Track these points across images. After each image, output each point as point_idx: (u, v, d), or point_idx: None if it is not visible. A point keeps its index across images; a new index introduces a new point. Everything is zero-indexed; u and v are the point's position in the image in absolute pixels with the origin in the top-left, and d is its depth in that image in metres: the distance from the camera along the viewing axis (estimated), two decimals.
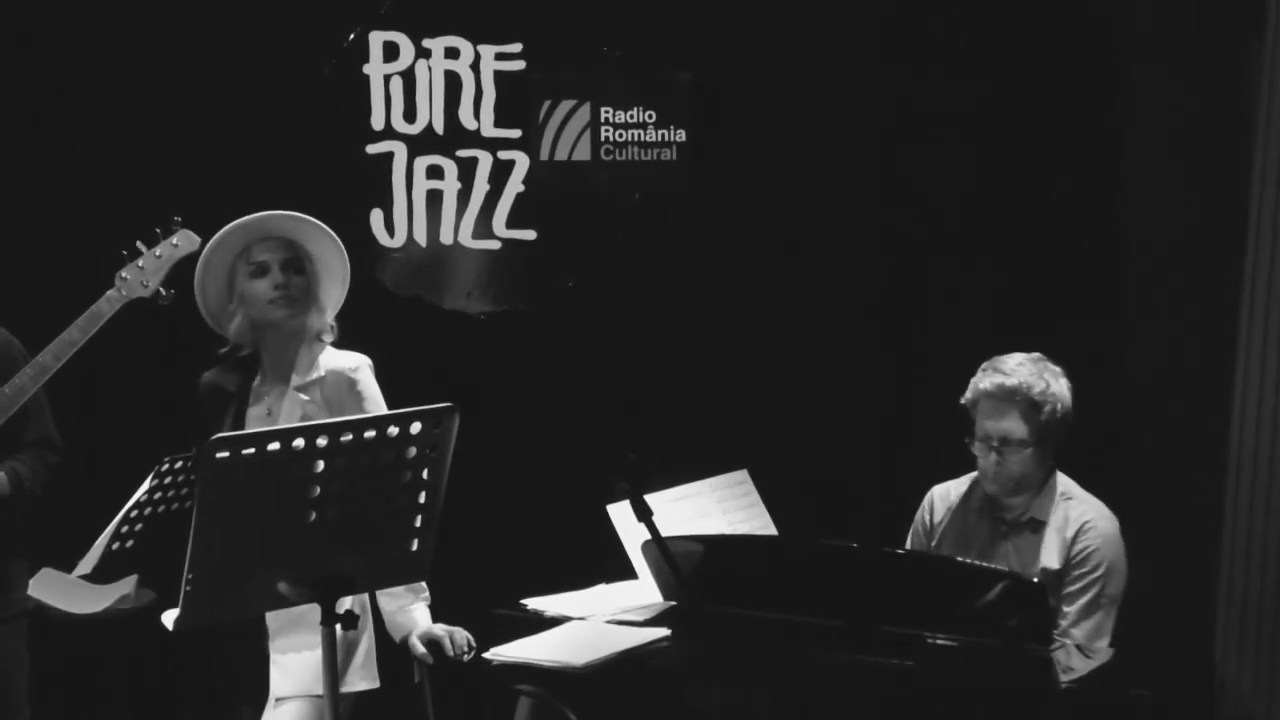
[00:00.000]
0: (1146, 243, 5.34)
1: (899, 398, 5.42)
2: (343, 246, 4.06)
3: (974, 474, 4.36)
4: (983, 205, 5.41)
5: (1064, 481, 4.30)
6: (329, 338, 4.06)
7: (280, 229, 4.00)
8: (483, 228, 5.58)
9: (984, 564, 4.16)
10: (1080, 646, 3.94)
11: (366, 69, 5.53)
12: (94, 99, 5.58)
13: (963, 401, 4.29)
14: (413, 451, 3.21)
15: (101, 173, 5.57)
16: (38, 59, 5.55)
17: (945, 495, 4.44)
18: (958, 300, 5.41)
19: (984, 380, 4.23)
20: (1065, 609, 4.13)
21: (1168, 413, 5.26)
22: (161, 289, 4.40)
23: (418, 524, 3.29)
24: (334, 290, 4.07)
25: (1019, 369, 4.21)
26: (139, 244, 4.41)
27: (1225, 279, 5.05)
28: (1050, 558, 4.19)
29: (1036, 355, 4.27)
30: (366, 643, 3.96)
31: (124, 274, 4.39)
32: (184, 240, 4.40)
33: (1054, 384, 4.21)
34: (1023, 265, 5.40)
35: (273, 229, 4.00)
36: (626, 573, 4.17)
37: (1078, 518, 4.22)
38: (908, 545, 4.45)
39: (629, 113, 5.52)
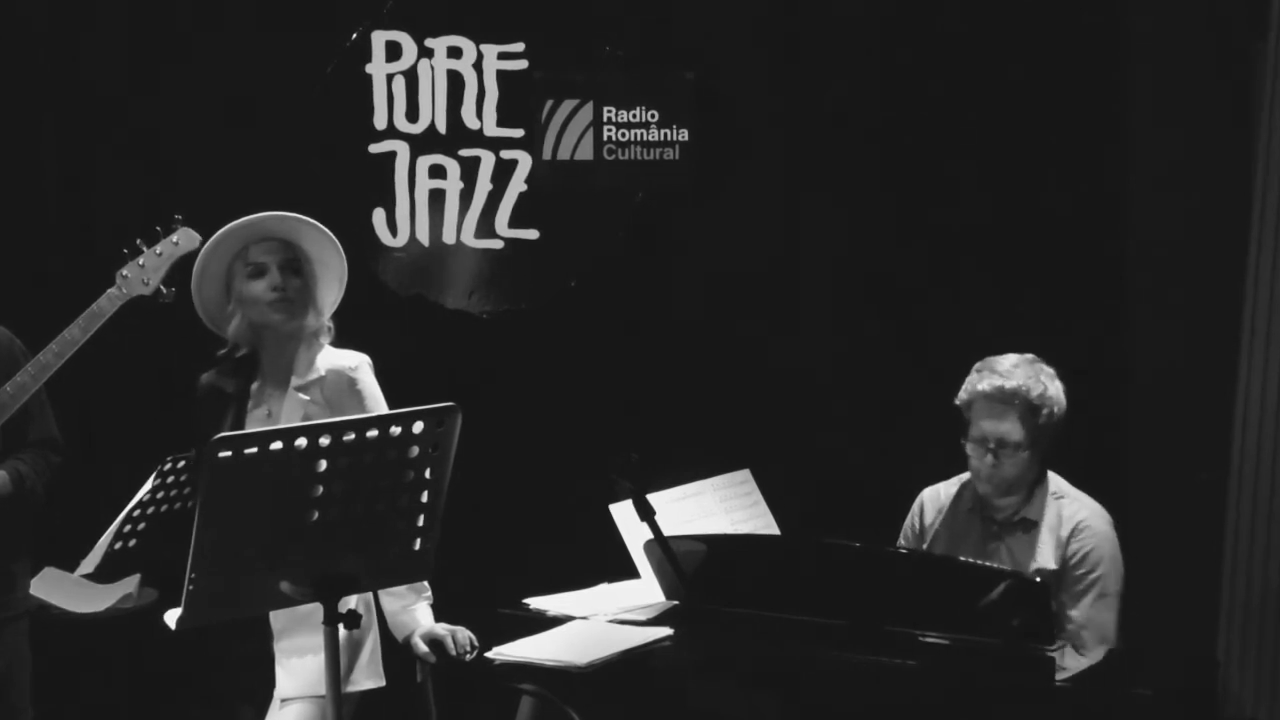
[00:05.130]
0: (1150, 243, 5.34)
1: (901, 397, 5.42)
2: (340, 247, 4.05)
3: (963, 476, 4.35)
4: (986, 206, 5.41)
5: (1055, 481, 4.29)
6: (326, 338, 4.05)
7: (277, 230, 3.99)
8: (485, 227, 5.58)
9: (987, 563, 4.15)
10: (1074, 646, 3.93)
11: (369, 68, 5.54)
12: (96, 97, 5.58)
13: (957, 402, 4.27)
14: (415, 451, 3.21)
15: (103, 171, 5.57)
16: (41, 57, 5.55)
17: (935, 497, 4.43)
18: (960, 301, 5.41)
19: (981, 382, 4.20)
20: (1071, 612, 4.12)
21: (1170, 413, 5.26)
22: (162, 287, 4.40)
23: (420, 523, 3.29)
24: (331, 290, 4.06)
25: (1016, 371, 4.18)
26: (139, 242, 4.40)
27: (1228, 278, 5.06)
28: (1046, 558, 4.18)
29: (1030, 356, 4.25)
30: (372, 642, 3.96)
31: (124, 272, 4.39)
32: (184, 238, 4.40)
33: (1050, 386, 4.19)
34: (1026, 265, 5.40)
35: (270, 230, 3.99)
36: (629, 572, 4.17)
37: (1071, 516, 4.20)
38: None
39: (632, 112, 5.52)
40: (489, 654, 3.79)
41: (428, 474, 3.24)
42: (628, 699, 3.73)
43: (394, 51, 5.54)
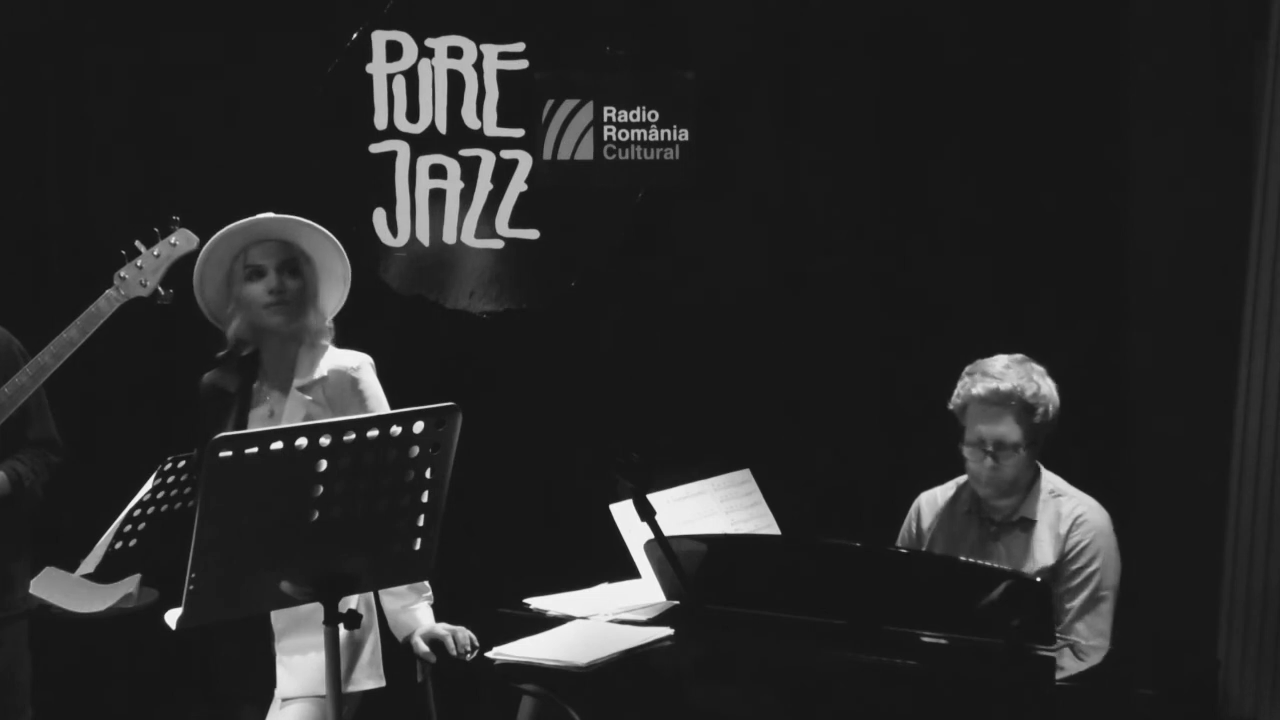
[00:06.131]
0: (1150, 242, 5.34)
1: (901, 397, 5.42)
2: (342, 248, 4.04)
3: (960, 479, 4.34)
4: (986, 205, 5.41)
5: (1052, 479, 4.28)
6: (328, 339, 4.04)
7: (276, 231, 3.98)
8: (486, 227, 5.58)
9: (987, 563, 4.15)
10: (1073, 645, 3.94)
11: (369, 68, 5.53)
12: (96, 98, 5.57)
13: (950, 407, 4.25)
14: (416, 450, 3.21)
15: (103, 172, 5.57)
16: (41, 59, 5.54)
17: (933, 501, 4.42)
18: (960, 300, 5.41)
19: (975, 385, 4.18)
20: (1066, 605, 4.12)
21: (1172, 413, 5.26)
22: (160, 288, 4.40)
23: (421, 523, 3.29)
24: (334, 292, 4.06)
25: (1008, 372, 4.17)
26: (137, 243, 4.40)
27: (1228, 278, 5.06)
28: (1045, 555, 4.18)
29: (1020, 356, 4.23)
30: (373, 642, 3.96)
31: (122, 273, 4.38)
32: (182, 240, 4.40)
33: (1043, 385, 4.18)
34: (1026, 265, 5.40)
35: (268, 231, 3.98)
36: (629, 572, 4.17)
37: (1069, 513, 4.20)
38: None
39: (632, 112, 5.52)
40: (489, 654, 3.79)
41: (428, 474, 3.24)
42: (628, 699, 3.73)
43: (394, 51, 5.54)
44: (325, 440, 3.09)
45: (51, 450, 4.61)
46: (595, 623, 3.94)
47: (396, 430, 3.18)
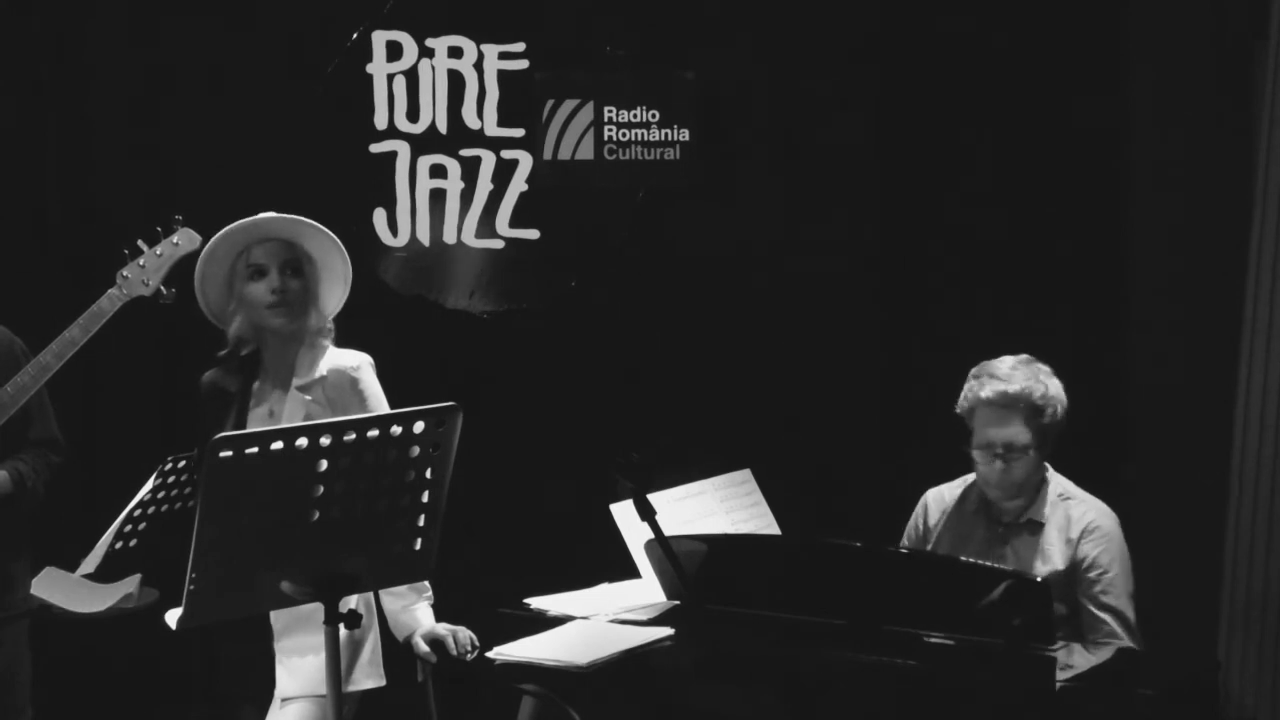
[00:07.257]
0: (1150, 244, 5.34)
1: (901, 397, 5.42)
2: (344, 249, 4.04)
3: (968, 477, 4.33)
4: (985, 206, 5.41)
5: (1060, 482, 4.27)
6: (328, 339, 4.04)
7: (279, 231, 3.98)
8: (486, 227, 5.58)
9: (988, 563, 4.14)
10: (1085, 645, 3.94)
11: (370, 68, 5.54)
12: (96, 97, 5.58)
13: (958, 410, 4.24)
14: (416, 450, 3.21)
15: (104, 171, 5.57)
16: (40, 58, 5.55)
17: (940, 499, 4.41)
18: (961, 301, 5.41)
19: (982, 389, 4.16)
20: (1093, 608, 4.10)
21: (1172, 415, 5.26)
22: (163, 288, 4.39)
23: (421, 523, 3.29)
24: (336, 292, 4.05)
25: (1015, 373, 4.14)
26: (140, 243, 4.40)
27: (1228, 278, 5.06)
28: (1054, 559, 4.17)
29: (1026, 357, 4.21)
30: (373, 641, 3.96)
31: (125, 273, 4.38)
32: (185, 239, 4.40)
33: (1050, 385, 4.16)
34: (1027, 265, 5.40)
35: (271, 230, 3.98)
36: (630, 572, 4.17)
37: (1080, 518, 4.18)
38: None
39: (632, 112, 5.52)
40: (490, 654, 3.79)
41: (428, 474, 3.24)
42: (628, 699, 3.73)
43: (394, 51, 5.54)
44: (325, 440, 3.09)
45: (53, 450, 4.60)
46: (595, 623, 3.94)
47: (396, 430, 3.18)
